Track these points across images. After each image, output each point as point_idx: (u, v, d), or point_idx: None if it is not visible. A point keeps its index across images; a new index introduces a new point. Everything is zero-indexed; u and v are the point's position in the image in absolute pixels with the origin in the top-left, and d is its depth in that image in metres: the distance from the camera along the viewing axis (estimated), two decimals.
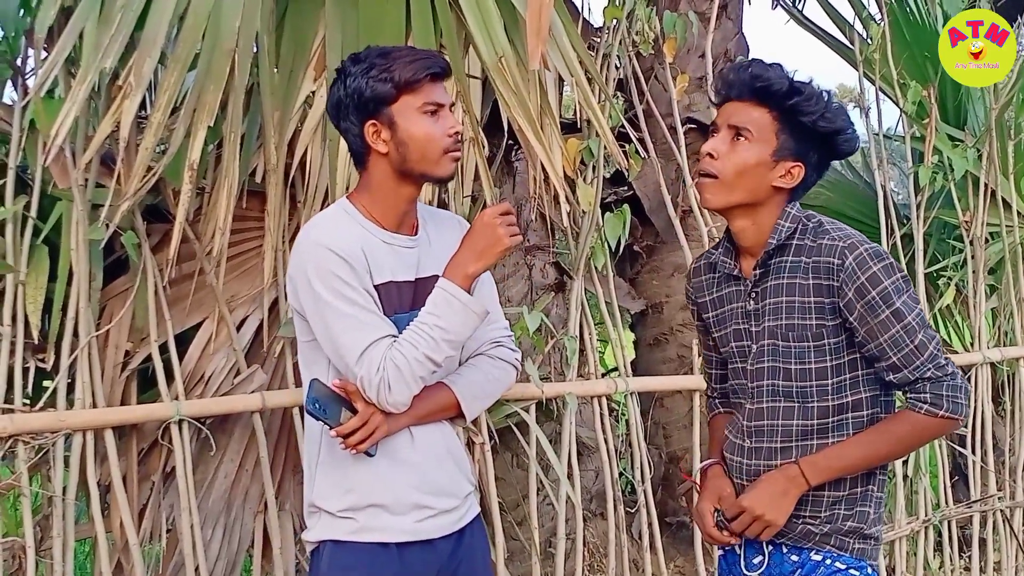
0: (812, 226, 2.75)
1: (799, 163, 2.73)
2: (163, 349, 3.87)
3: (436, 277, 2.85)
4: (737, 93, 2.75)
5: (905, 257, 5.66)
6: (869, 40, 5.75)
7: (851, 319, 2.67)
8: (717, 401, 3.16)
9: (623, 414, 5.33)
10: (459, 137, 2.85)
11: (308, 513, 2.95)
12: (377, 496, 2.84)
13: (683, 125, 5.16)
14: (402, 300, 2.85)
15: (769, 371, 2.79)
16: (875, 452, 2.74)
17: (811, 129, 2.70)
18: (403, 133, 2.79)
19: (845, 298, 2.66)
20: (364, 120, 2.80)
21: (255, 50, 3.65)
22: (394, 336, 2.76)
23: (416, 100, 2.78)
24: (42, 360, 3.76)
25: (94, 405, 3.72)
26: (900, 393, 2.78)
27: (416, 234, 2.94)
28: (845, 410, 2.75)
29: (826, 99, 2.73)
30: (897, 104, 5.79)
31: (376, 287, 2.80)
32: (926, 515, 5.53)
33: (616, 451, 4.74)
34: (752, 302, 2.81)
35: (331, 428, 2.75)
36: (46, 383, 3.79)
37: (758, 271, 2.79)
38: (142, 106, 3.79)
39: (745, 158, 2.70)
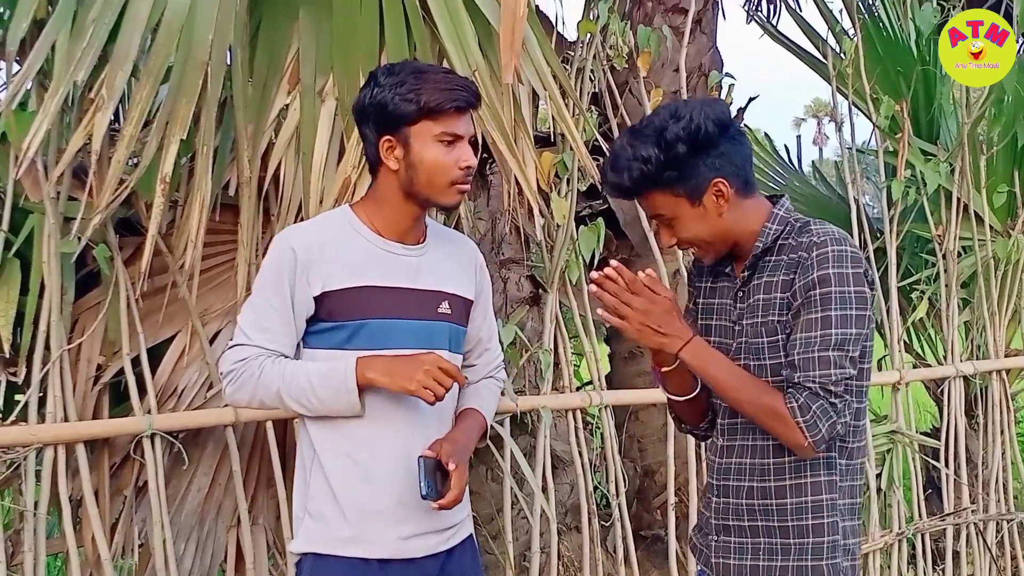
0: (799, 226, 2.71)
1: (715, 180, 2.65)
2: (135, 363, 3.85)
3: (435, 293, 2.90)
4: (629, 197, 2.77)
5: (879, 271, 5.68)
6: (842, 55, 5.78)
7: (791, 309, 2.64)
8: None
9: (598, 427, 5.33)
10: (470, 171, 2.83)
11: (296, 519, 2.94)
12: (363, 510, 2.83)
13: None
14: (392, 305, 2.84)
15: (744, 369, 2.73)
16: (732, 389, 2.67)
17: (681, 158, 2.61)
18: (415, 156, 2.79)
19: (794, 284, 2.63)
20: (381, 133, 2.81)
21: (228, 63, 3.64)
22: (272, 352, 2.80)
23: (436, 127, 2.78)
24: (13, 374, 3.74)
25: (66, 419, 3.70)
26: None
27: (420, 244, 2.94)
28: None
29: (658, 130, 2.62)
30: (870, 118, 5.82)
31: (345, 290, 2.80)
32: (900, 528, 5.54)
33: (591, 464, 4.74)
34: (738, 302, 2.79)
35: (435, 500, 2.79)
36: (17, 397, 3.77)
37: (746, 272, 2.76)
38: (114, 119, 3.79)
39: (688, 230, 2.70)
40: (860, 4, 6.26)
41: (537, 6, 4.37)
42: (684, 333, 2.67)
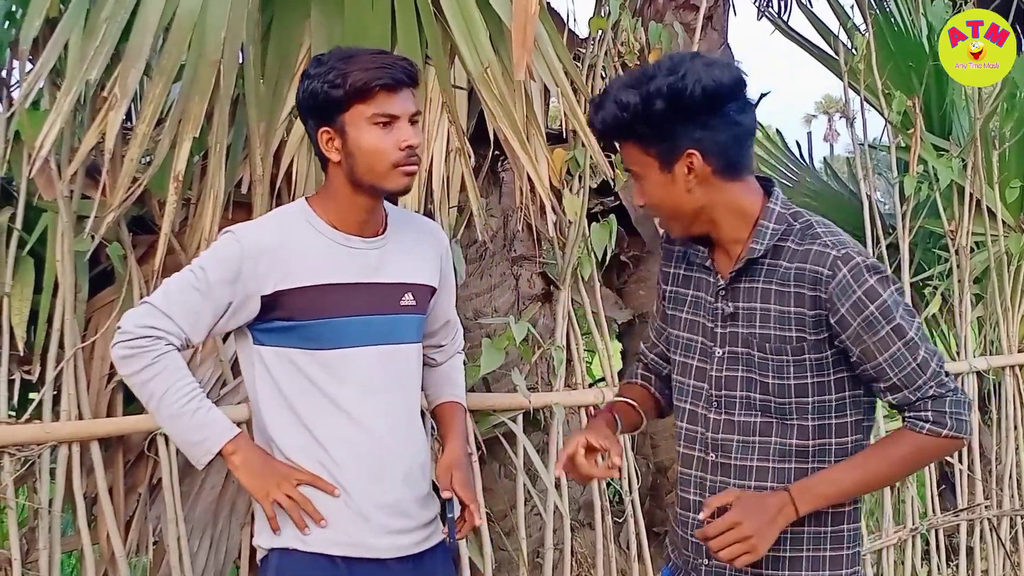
0: (800, 227, 2.51)
1: (688, 151, 2.44)
2: None
3: (397, 286, 2.86)
4: (606, 142, 2.69)
5: (891, 267, 5.67)
6: (854, 50, 5.78)
7: (844, 337, 2.44)
8: (640, 372, 2.99)
9: None
10: (412, 151, 2.74)
11: (258, 515, 2.89)
12: (330, 507, 2.79)
13: None
14: (351, 302, 2.79)
15: (743, 382, 2.56)
16: (873, 475, 2.52)
17: (657, 115, 2.41)
18: (352, 144, 2.73)
19: (837, 314, 2.42)
20: (318, 126, 2.76)
21: (240, 61, 3.65)
22: (176, 335, 2.75)
23: (367, 110, 2.70)
24: (28, 372, 3.75)
25: (80, 417, 3.71)
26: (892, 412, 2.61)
27: (380, 235, 2.88)
28: (827, 433, 2.54)
29: (647, 79, 2.42)
30: (882, 114, 5.80)
31: (300, 289, 2.75)
32: (913, 524, 5.53)
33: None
34: (724, 303, 2.58)
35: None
36: (32, 395, 3.78)
37: (734, 272, 2.55)
38: (127, 117, 3.79)
39: (651, 195, 2.53)
40: (871, 0, 6.26)
41: (549, 3, 4.37)
42: (782, 506, 2.46)
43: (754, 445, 2.56)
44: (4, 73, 3.90)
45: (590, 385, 4.82)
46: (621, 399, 2.88)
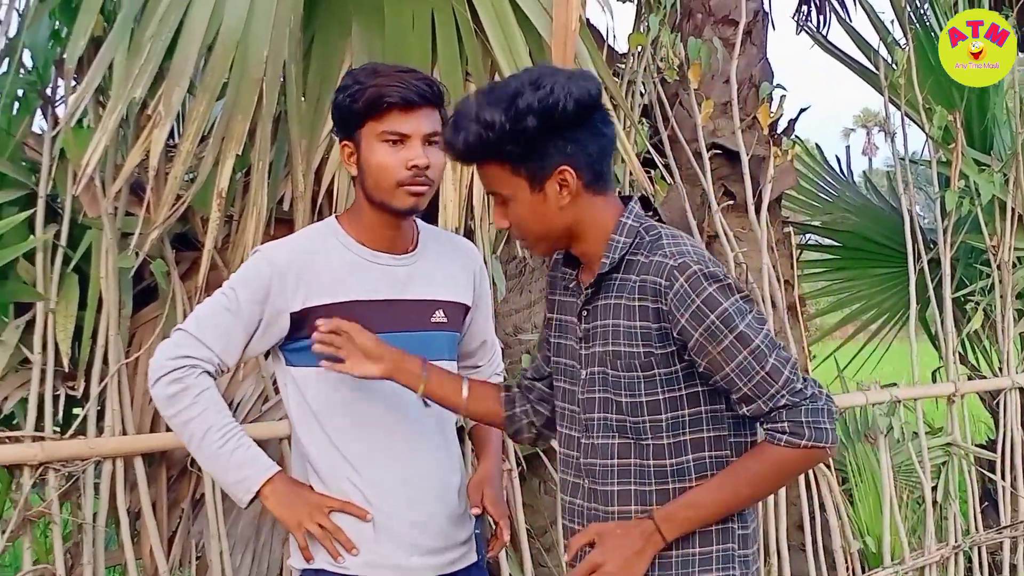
0: (649, 240, 2.39)
1: (561, 167, 2.32)
2: None
3: (428, 303, 2.82)
4: (466, 161, 2.48)
5: (933, 282, 5.65)
6: (894, 65, 5.76)
7: (689, 348, 2.33)
8: (518, 386, 2.82)
9: None
10: (419, 171, 2.67)
11: (291, 536, 2.85)
12: (362, 528, 2.76)
13: (708, 150, 5.16)
14: (379, 319, 2.74)
15: (601, 403, 2.45)
16: (734, 495, 2.38)
17: (529, 133, 2.29)
18: (363, 159, 2.71)
19: (678, 325, 2.31)
20: (341, 139, 2.77)
21: (282, 79, 3.67)
22: (213, 367, 2.72)
23: (379, 126, 2.67)
24: (72, 388, 3.77)
25: (124, 432, 3.73)
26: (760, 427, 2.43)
27: (410, 252, 2.85)
28: (684, 451, 2.40)
29: (512, 96, 2.28)
30: (923, 129, 5.79)
31: (327, 306, 2.72)
32: (956, 541, 5.50)
33: None
34: (582, 322, 2.48)
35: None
36: (76, 410, 3.81)
37: (590, 289, 2.45)
38: (171, 135, 3.82)
39: (521, 217, 2.39)
40: (911, 14, 6.23)
41: (588, 19, 4.38)
42: (648, 535, 2.36)
43: (614, 468, 2.45)
44: (50, 91, 3.94)
45: None
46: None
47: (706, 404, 2.41)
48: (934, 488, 5.46)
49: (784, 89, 5.48)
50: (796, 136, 6.03)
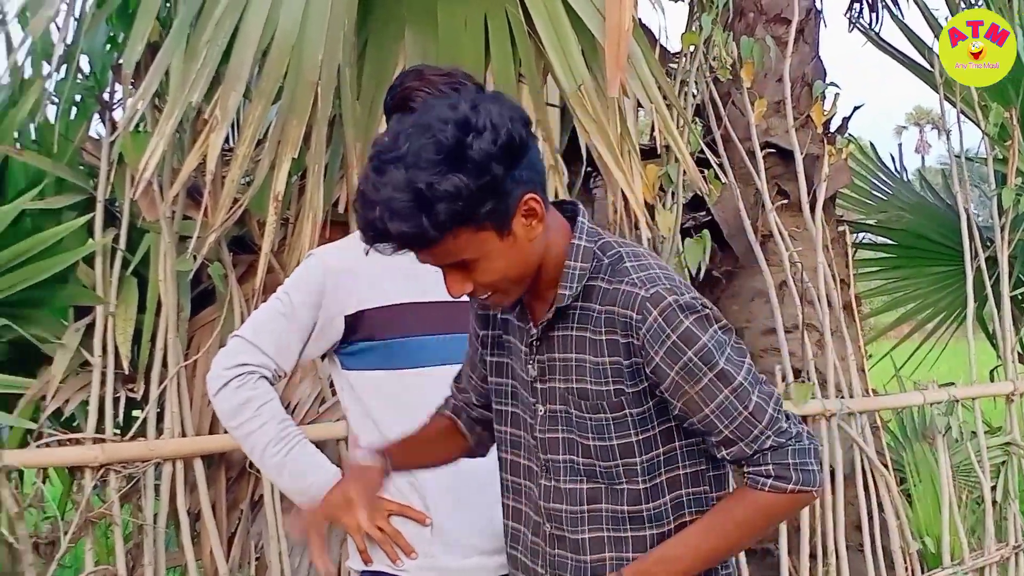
0: (609, 262, 2.12)
1: (525, 197, 1.99)
2: None
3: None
4: (427, 247, 2.01)
5: (990, 280, 5.59)
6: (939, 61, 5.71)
7: (663, 388, 2.07)
8: (451, 405, 2.59)
9: None
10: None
11: (349, 538, 2.79)
12: (418, 528, 2.75)
13: (762, 149, 5.14)
14: (434, 320, 2.75)
15: (565, 444, 2.20)
16: (714, 549, 2.16)
17: (498, 181, 1.93)
18: None
19: (652, 363, 2.05)
20: None
21: (337, 82, 3.69)
22: (270, 372, 2.71)
23: None
24: (132, 390, 3.82)
25: (183, 434, 3.77)
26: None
27: None
28: (661, 493, 2.16)
29: (455, 151, 1.90)
30: (979, 126, 5.73)
31: (382, 308, 2.74)
32: (1016, 541, 5.45)
33: None
34: (535, 352, 2.21)
35: None
36: (136, 413, 3.85)
37: (547, 320, 2.16)
38: (227, 139, 3.85)
39: (494, 272, 2.04)
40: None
41: (640, 19, 4.37)
42: None
43: (584, 515, 2.21)
44: (107, 97, 3.98)
45: None
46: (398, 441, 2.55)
47: (681, 439, 2.17)
48: (993, 488, 5.41)
49: (838, 87, 5.45)
50: (850, 134, 6.00)
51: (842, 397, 4.93)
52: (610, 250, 2.13)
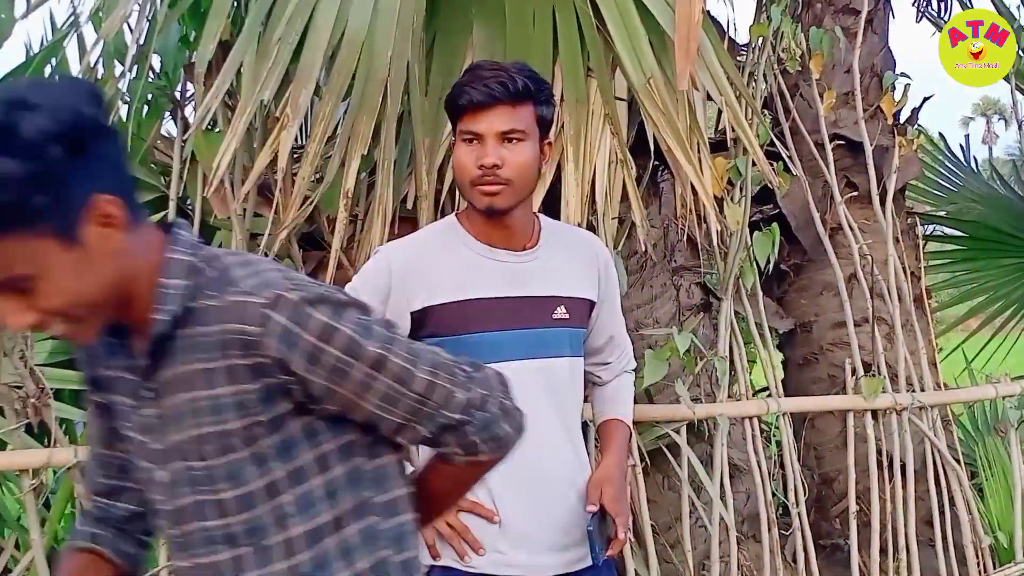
0: (216, 275, 1.74)
1: (99, 198, 1.62)
2: None
3: (549, 299, 2.80)
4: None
5: None
6: (1021, 52, 5.63)
7: (316, 396, 1.73)
8: (89, 529, 2.06)
9: (774, 435, 5.26)
10: (488, 171, 2.64)
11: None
12: (486, 524, 2.76)
13: (830, 141, 5.10)
14: (498, 316, 2.75)
15: (192, 510, 1.78)
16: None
17: (59, 168, 1.55)
18: (453, 158, 2.76)
19: (291, 375, 1.69)
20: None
21: (406, 79, 3.70)
22: None
23: (461, 125, 2.69)
24: None
25: None
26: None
27: (530, 248, 2.83)
28: (324, 533, 1.78)
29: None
30: None
31: (446, 305, 2.73)
32: None
33: (768, 472, 4.68)
34: (145, 406, 1.81)
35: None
36: None
37: (148, 359, 1.77)
38: (297, 136, 3.87)
39: (61, 293, 1.62)
40: None
41: (709, 11, 4.34)
42: None
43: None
44: (178, 95, 4.02)
45: (754, 395, 4.77)
46: None
47: (342, 462, 1.81)
48: None
49: (909, 78, 5.39)
50: (919, 125, 5.94)
51: (913, 391, 4.88)
52: (216, 262, 1.77)
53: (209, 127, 3.90)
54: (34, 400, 3.46)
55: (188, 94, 4.09)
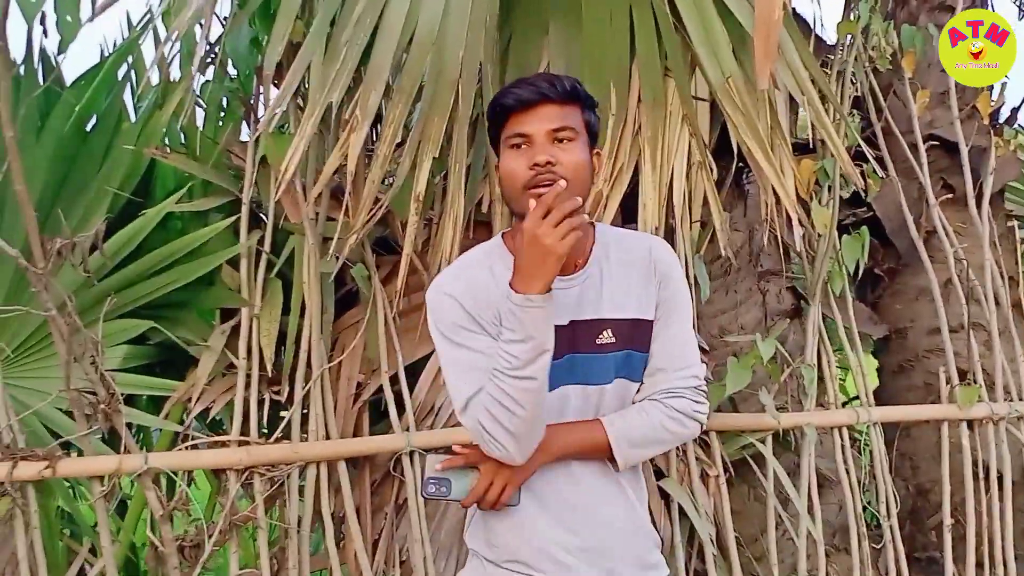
0: None
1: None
2: (393, 380, 3.88)
3: (594, 323, 2.61)
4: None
5: None
6: None
7: None
8: None
9: (866, 445, 5.12)
10: (541, 171, 2.47)
11: (471, 549, 2.78)
12: (516, 551, 2.65)
13: (925, 142, 4.95)
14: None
15: None
16: None
17: None
18: (500, 171, 2.57)
19: None
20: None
21: (479, 80, 3.63)
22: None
23: (504, 133, 2.54)
24: (276, 392, 3.82)
25: (327, 437, 3.76)
26: None
27: (579, 270, 2.65)
28: None
29: None
30: None
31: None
32: None
33: (859, 483, 4.54)
34: None
35: (461, 502, 2.62)
36: (281, 414, 3.85)
37: None
38: (368, 139, 3.82)
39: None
40: None
41: (794, 9, 4.23)
42: None
43: None
44: (251, 99, 3.99)
45: (843, 404, 4.64)
46: None
47: None
48: None
49: (1007, 76, 5.22)
50: (1019, 125, 5.75)
51: (1011, 400, 4.72)
52: None
53: (280, 129, 3.86)
54: (104, 406, 3.44)
55: (261, 96, 4.06)
